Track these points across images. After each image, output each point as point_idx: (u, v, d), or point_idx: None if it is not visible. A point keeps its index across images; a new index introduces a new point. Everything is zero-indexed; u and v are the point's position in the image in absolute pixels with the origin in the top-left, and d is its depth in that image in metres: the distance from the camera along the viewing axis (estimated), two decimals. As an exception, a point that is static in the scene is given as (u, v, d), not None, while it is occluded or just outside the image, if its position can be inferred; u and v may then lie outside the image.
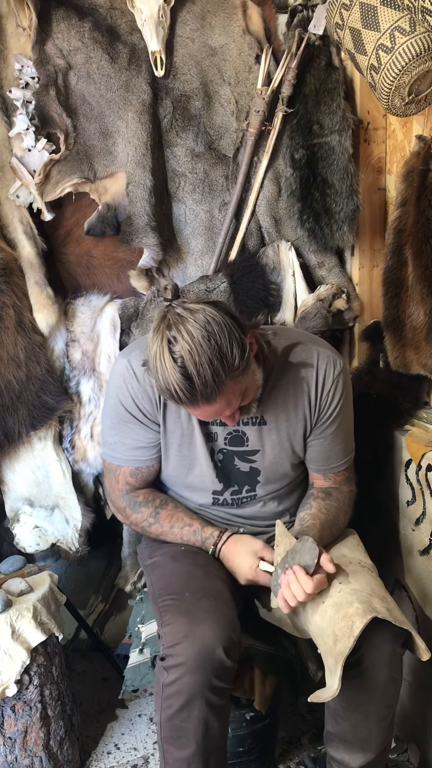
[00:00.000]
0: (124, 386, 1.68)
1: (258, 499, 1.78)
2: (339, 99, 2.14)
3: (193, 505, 1.81)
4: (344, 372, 1.72)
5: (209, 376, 1.39)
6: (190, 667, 1.46)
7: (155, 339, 1.42)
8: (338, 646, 1.45)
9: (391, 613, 1.49)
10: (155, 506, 1.78)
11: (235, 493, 1.76)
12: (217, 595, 1.58)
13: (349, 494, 1.81)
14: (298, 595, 1.51)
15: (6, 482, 2.30)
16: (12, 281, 2.13)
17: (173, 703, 1.49)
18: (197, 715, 1.49)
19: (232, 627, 1.53)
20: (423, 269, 1.94)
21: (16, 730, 1.91)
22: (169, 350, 1.39)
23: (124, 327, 2.25)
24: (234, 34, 2.17)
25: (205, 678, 1.47)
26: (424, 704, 1.94)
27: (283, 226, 2.27)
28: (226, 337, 1.41)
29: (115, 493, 1.82)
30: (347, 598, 1.51)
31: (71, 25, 2.09)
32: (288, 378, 1.68)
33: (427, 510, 1.89)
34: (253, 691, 1.85)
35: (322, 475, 1.80)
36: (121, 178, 2.19)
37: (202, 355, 1.38)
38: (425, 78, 1.74)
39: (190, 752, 1.51)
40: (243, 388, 1.52)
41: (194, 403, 1.44)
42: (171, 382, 1.40)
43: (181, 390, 1.40)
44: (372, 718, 1.55)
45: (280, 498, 1.81)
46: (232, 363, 1.42)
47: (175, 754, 1.53)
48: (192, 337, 1.38)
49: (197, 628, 1.48)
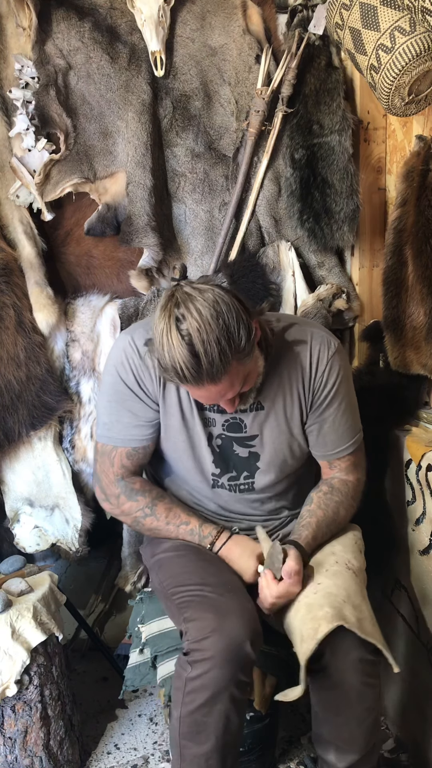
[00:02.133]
0: (126, 361, 1.66)
1: (256, 490, 1.76)
2: (339, 99, 2.14)
3: (192, 491, 1.78)
4: (339, 353, 1.70)
5: (216, 354, 1.38)
6: (218, 662, 1.46)
7: (162, 316, 1.40)
8: (303, 646, 1.48)
9: (361, 623, 1.48)
10: (152, 497, 1.74)
11: (233, 479, 1.74)
12: (236, 589, 1.59)
13: (355, 484, 1.77)
14: (266, 600, 1.56)
15: (6, 482, 2.30)
16: (12, 281, 2.13)
17: (196, 698, 1.49)
18: (220, 709, 1.49)
19: (255, 620, 1.54)
20: (423, 269, 1.94)
21: (16, 730, 1.91)
22: (176, 327, 1.38)
23: (124, 327, 2.25)
24: (234, 34, 2.17)
25: (232, 672, 1.47)
26: (424, 704, 1.94)
27: (283, 226, 2.27)
28: (234, 317, 1.41)
29: (108, 477, 1.75)
30: (320, 600, 1.52)
31: (71, 25, 2.09)
32: (283, 361, 1.67)
33: (427, 510, 1.89)
34: (253, 691, 1.85)
35: (327, 462, 1.77)
36: (121, 178, 2.19)
37: (210, 334, 1.37)
38: (425, 78, 1.74)
39: (209, 747, 1.51)
40: (246, 372, 1.52)
41: (199, 382, 1.43)
42: (177, 359, 1.39)
43: (188, 368, 1.39)
44: (352, 720, 1.55)
45: (278, 494, 1.79)
46: (238, 344, 1.42)
47: (194, 749, 1.52)
48: (201, 315, 1.38)
49: (225, 622, 1.49)
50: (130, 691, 1.87)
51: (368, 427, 1.88)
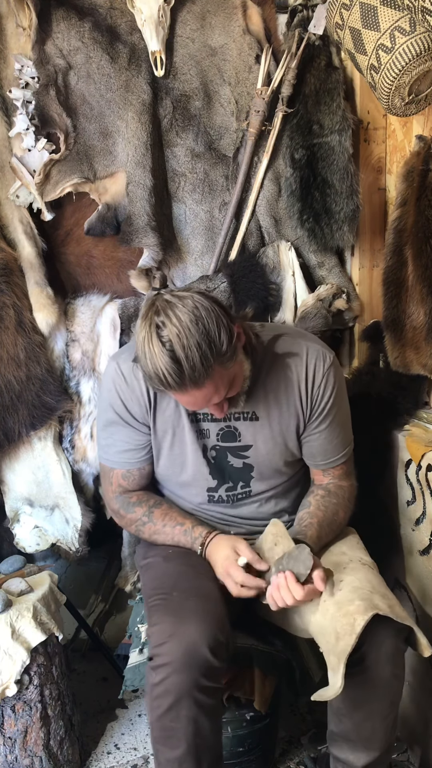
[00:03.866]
0: (113, 389, 1.70)
1: (253, 496, 1.77)
2: (339, 99, 2.14)
3: (190, 505, 1.80)
4: (334, 365, 1.72)
5: (197, 359, 1.40)
6: (177, 667, 1.46)
7: (143, 325, 1.43)
8: (340, 644, 1.45)
9: (393, 609, 1.49)
10: (149, 506, 1.77)
11: (230, 489, 1.76)
12: (205, 595, 1.57)
13: (350, 489, 1.80)
14: (287, 600, 1.53)
15: (6, 482, 2.30)
16: (12, 281, 2.13)
17: (162, 704, 1.48)
18: (186, 715, 1.48)
19: (219, 626, 1.51)
20: (423, 269, 1.94)
21: (16, 730, 1.91)
22: (157, 335, 1.40)
23: (124, 327, 2.25)
24: (234, 34, 2.17)
25: (192, 677, 1.46)
26: (424, 704, 1.94)
27: (283, 226, 2.27)
28: (213, 322, 1.43)
29: (108, 495, 1.83)
30: (348, 595, 1.51)
31: (71, 25, 2.09)
32: (278, 373, 1.69)
33: (427, 510, 1.89)
34: (253, 691, 1.85)
35: (321, 471, 1.79)
36: (121, 178, 2.19)
37: (191, 338, 1.39)
38: (425, 78, 1.74)
39: (180, 752, 1.51)
40: (231, 375, 1.53)
41: (182, 388, 1.44)
42: (159, 366, 1.41)
43: (170, 374, 1.41)
44: (375, 716, 1.55)
45: (277, 498, 1.80)
46: (219, 348, 1.44)
47: (167, 754, 1.53)
48: (180, 321, 1.40)
49: (182, 627, 1.48)
50: (130, 691, 1.87)
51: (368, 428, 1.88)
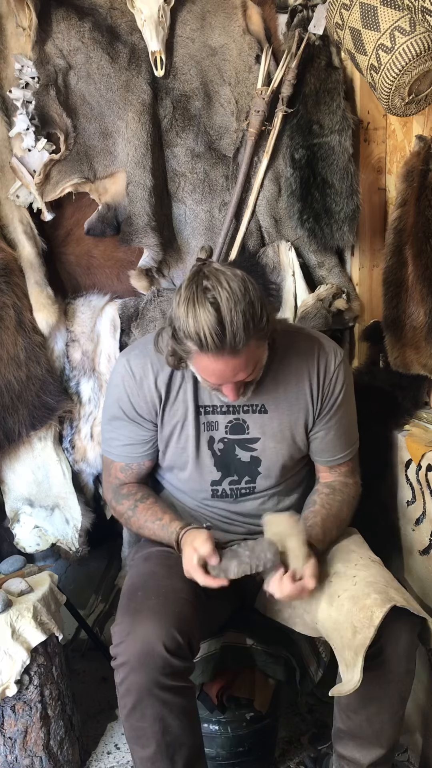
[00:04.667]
0: (121, 384, 1.71)
1: (257, 493, 1.77)
2: (339, 99, 2.14)
3: (193, 501, 1.80)
4: (345, 362, 1.75)
5: (241, 325, 1.41)
6: (134, 666, 1.46)
7: (188, 288, 1.43)
8: (358, 637, 1.45)
9: (409, 602, 1.50)
10: (135, 499, 1.77)
11: (234, 483, 1.75)
12: (168, 593, 1.56)
13: (354, 487, 1.81)
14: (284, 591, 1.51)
15: (6, 482, 2.30)
16: (12, 281, 2.13)
17: (126, 703, 1.49)
18: (151, 714, 1.48)
19: (177, 625, 1.48)
20: (423, 269, 1.94)
21: (16, 730, 1.91)
22: (204, 296, 1.41)
23: (124, 327, 2.26)
24: (234, 34, 2.17)
25: (150, 676, 1.46)
26: (424, 704, 1.94)
27: (283, 226, 2.27)
28: (258, 297, 1.46)
29: (106, 486, 1.86)
30: (364, 590, 1.52)
31: (71, 25, 2.09)
32: (289, 368, 1.70)
33: (427, 510, 1.89)
34: (253, 691, 1.85)
35: (327, 468, 1.80)
36: (121, 178, 2.19)
37: (238, 304, 1.41)
38: (425, 78, 1.74)
39: (151, 751, 1.52)
40: (258, 357, 1.55)
41: (220, 351, 1.44)
42: (203, 325, 1.41)
43: (212, 334, 1.41)
44: (386, 711, 1.55)
45: (280, 495, 1.80)
46: (260, 321, 1.46)
47: (139, 753, 1.54)
48: (230, 286, 1.42)
49: (138, 626, 1.48)
50: (130, 691, 1.87)
51: (368, 427, 1.88)
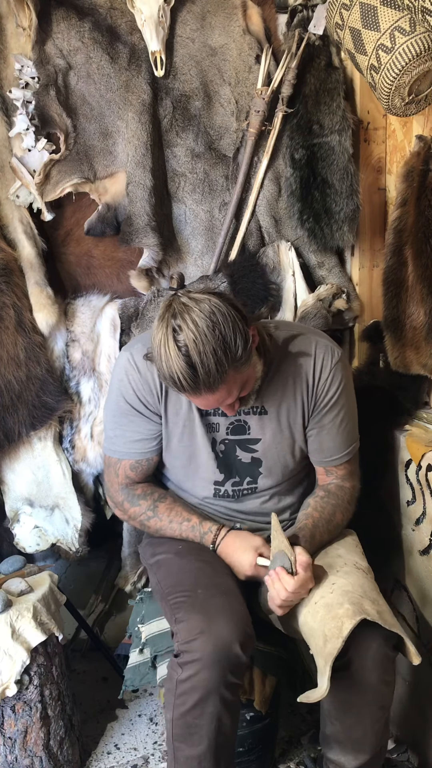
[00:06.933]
0: (125, 378, 1.71)
1: (258, 492, 1.78)
2: (339, 99, 2.14)
3: (195, 499, 1.80)
4: (343, 362, 1.75)
5: (212, 365, 1.41)
6: (207, 663, 1.47)
7: (160, 327, 1.44)
8: (327, 646, 1.47)
9: (382, 615, 1.49)
10: (153, 499, 1.78)
11: (236, 484, 1.76)
12: (228, 591, 1.60)
13: (351, 491, 1.81)
14: (279, 595, 1.55)
15: (6, 482, 2.30)
16: (12, 281, 2.13)
17: (187, 700, 1.50)
18: (211, 711, 1.50)
19: (245, 622, 1.55)
20: (423, 269, 1.94)
21: (16, 730, 1.91)
22: (173, 339, 1.41)
23: (124, 327, 2.25)
24: (234, 34, 2.17)
25: (221, 674, 1.48)
26: (424, 704, 1.94)
27: (283, 226, 2.27)
28: (230, 327, 1.44)
29: (114, 487, 1.83)
30: (338, 599, 1.52)
31: (71, 25, 2.09)
32: (288, 368, 1.71)
33: (427, 510, 1.89)
34: (253, 691, 1.85)
35: (324, 469, 1.80)
36: (121, 178, 2.19)
37: (206, 345, 1.40)
38: (425, 78, 1.74)
39: (202, 749, 1.52)
40: (244, 378, 1.54)
41: (196, 392, 1.46)
42: (175, 370, 1.42)
43: (185, 378, 1.42)
44: (365, 719, 1.55)
45: (280, 494, 1.81)
46: (234, 353, 1.45)
47: (187, 751, 1.54)
48: (197, 326, 1.40)
49: (213, 624, 1.50)
50: (130, 691, 1.87)
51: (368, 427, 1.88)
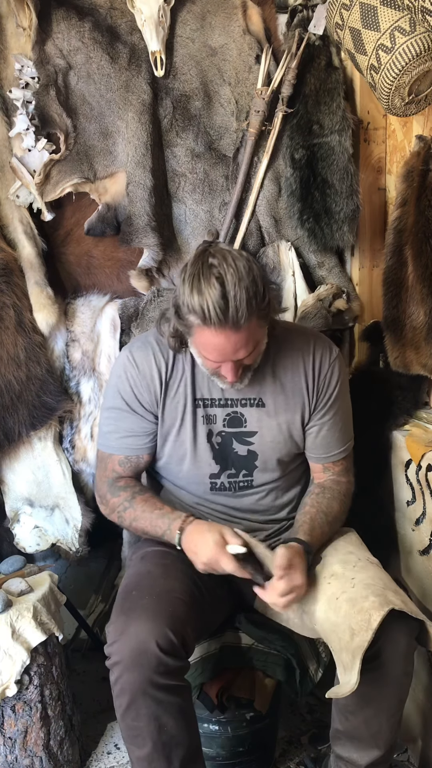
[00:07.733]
0: (124, 375, 1.72)
1: (255, 487, 1.78)
2: (339, 99, 2.14)
3: (193, 497, 1.80)
4: (340, 359, 1.78)
5: (244, 300, 1.45)
6: (127, 665, 1.46)
7: (194, 264, 1.49)
8: (356, 640, 1.45)
9: (407, 605, 1.50)
10: (134, 492, 1.76)
11: (232, 476, 1.76)
12: (162, 593, 1.55)
13: (346, 485, 1.81)
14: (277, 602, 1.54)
15: (6, 482, 2.30)
16: (12, 281, 2.13)
17: (121, 702, 1.50)
18: (146, 713, 1.49)
19: (170, 624, 1.48)
20: (423, 269, 1.94)
21: (16, 730, 1.91)
22: (209, 271, 1.46)
23: (124, 327, 2.26)
24: (234, 34, 2.17)
25: (144, 675, 1.46)
26: (424, 704, 1.94)
27: (283, 226, 2.27)
28: (261, 278, 1.50)
29: (101, 480, 1.82)
30: (362, 592, 1.52)
31: (71, 25, 2.09)
32: (286, 362, 1.73)
33: (427, 510, 1.89)
34: (253, 691, 1.85)
35: (321, 466, 1.80)
36: (121, 178, 2.19)
37: (242, 281, 1.45)
38: (425, 78, 1.75)
39: (148, 751, 1.52)
40: (258, 338, 1.57)
41: (223, 326, 1.47)
42: (207, 298, 1.45)
43: (215, 308, 1.45)
44: (383, 713, 1.55)
45: (277, 491, 1.81)
46: (262, 300, 1.50)
47: (136, 752, 1.55)
48: (235, 263, 1.46)
49: (131, 625, 1.48)
50: (130, 691, 1.87)
51: (368, 427, 1.88)
